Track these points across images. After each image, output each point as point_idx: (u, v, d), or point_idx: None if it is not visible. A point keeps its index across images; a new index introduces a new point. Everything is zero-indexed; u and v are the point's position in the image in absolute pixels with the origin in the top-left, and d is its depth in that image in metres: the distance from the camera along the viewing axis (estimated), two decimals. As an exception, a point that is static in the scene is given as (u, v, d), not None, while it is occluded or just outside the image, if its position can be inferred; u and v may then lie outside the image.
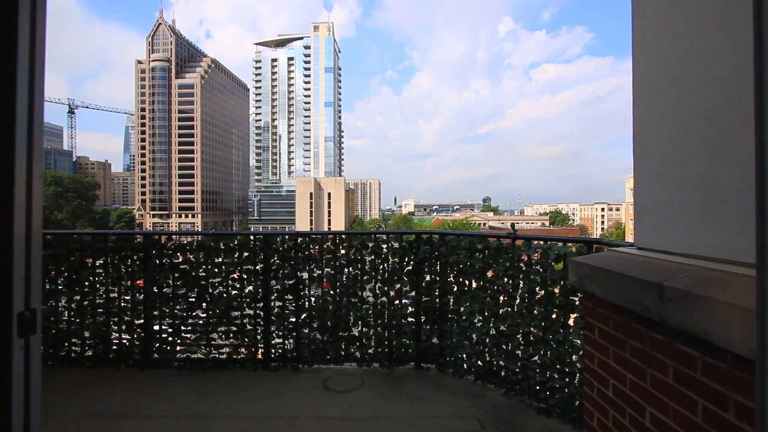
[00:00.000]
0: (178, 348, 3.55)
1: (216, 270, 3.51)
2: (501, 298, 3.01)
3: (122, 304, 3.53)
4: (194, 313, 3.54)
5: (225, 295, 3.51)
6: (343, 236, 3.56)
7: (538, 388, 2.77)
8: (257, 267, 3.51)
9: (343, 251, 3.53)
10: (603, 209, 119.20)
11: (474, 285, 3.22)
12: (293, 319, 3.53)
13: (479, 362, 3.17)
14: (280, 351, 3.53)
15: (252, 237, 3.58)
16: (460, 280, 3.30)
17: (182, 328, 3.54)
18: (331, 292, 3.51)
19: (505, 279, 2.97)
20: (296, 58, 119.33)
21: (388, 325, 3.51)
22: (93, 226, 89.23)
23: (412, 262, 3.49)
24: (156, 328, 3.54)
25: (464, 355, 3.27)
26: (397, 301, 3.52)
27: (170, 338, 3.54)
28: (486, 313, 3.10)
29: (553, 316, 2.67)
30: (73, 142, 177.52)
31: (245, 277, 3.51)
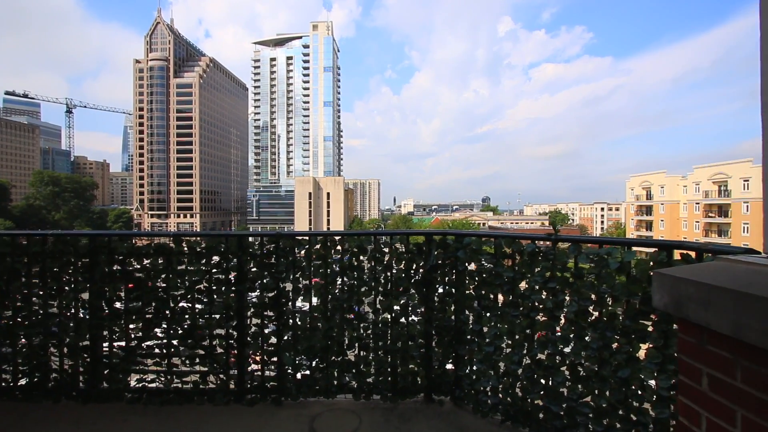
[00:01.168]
0: (133, 376, 2.88)
1: (179, 279, 2.86)
2: (539, 317, 2.38)
3: (63, 322, 2.86)
4: (152, 333, 2.88)
5: (190, 310, 2.85)
6: (337, 238, 2.90)
7: None
8: (230, 276, 2.86)
9: (336, 256, 2.90)
10: (602, 209, 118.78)
11: (501, 300, 2.58)
12: (274, 341, 2.88)
13: (508, 399, 2.51)
14: (257, 380, 2.87)
15: (223, 238, 2.91)
16: (483, 292, 2.65)
17: (137, 351, 2.88)
18: (322, 306, 2.86)
19: (544, 293, 2.33)
20: (295, 58, 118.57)
21: (392, 347, 2.86)
22: (90, 226, 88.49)
23: (421, 270, 2.85)
24: (105, 351, 2.88)
25: (488, 388, 2.61)
26: (402, 319, 2.87)
27: (122, 364, 2.86)
28: (517, 337, 2.46)
29: (614, 345, 2.04)
30: (71, 141, 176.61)
31: (215, 288, 2.86)
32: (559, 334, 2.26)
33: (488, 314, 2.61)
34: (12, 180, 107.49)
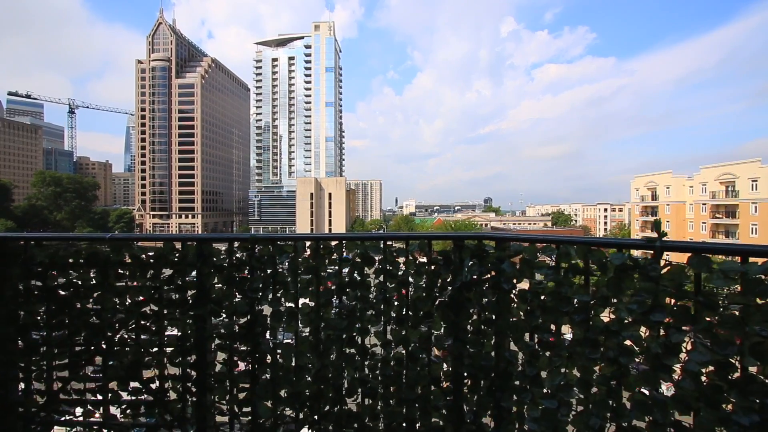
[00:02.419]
0: (56, 431, 2.24)
1: (118, 299, 2.19)
2: (635, 365, 1.65)
3: None
4: (82, 373, 2.20)
5: (133, 341, 2.18)
6: (333, 243, 2.20)
7: None
8: (186, 295, 2.20)
9: (333, 267, 2.23)
10: (606, 210, 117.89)
11: (570, 333, 1.86)
12: (247, 384, 2.19)
13: None
14: None
15: (177, 243, 2.24)
16: (541, 321, 1.92)
17: (61, 397, 2.18)
18: (312, 337, 2.17)
19: (644, 329, 1.63)
20: (297, 58, 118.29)
21: (408, 394, 2.14)
22: (92, 226, 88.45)
23: (449, 288, 2.16)
24: (19, 393, 2.23)
25: None
26: (423, 355, 2.18)
27: (41, 413, 2.19)
28: (597, 390, 1.73)
29: None
30: (73, 142, 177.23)
31: (167, 312, 2.20)
32: (672, 393, 1.51)
33: (547, 353, 1.88)
34: (15, 180, 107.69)
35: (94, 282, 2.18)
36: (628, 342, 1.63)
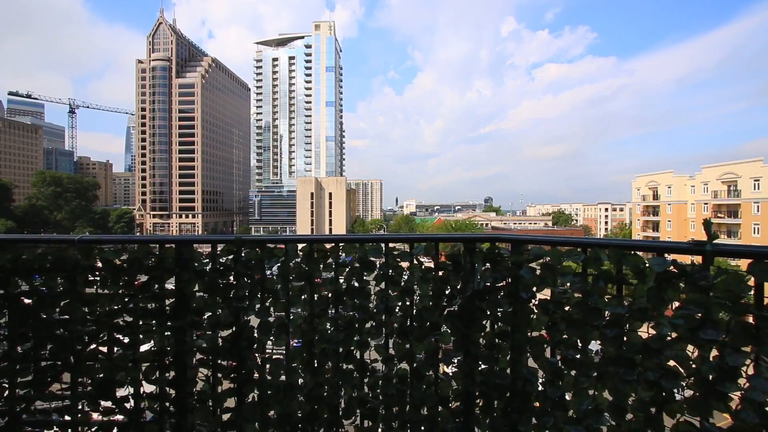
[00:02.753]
0: None
1: (87, 309, 1.95)
2: (679, 389, 1.41)
3: None
4: (47, 391, 1.98)
5: (104, 356, 1.97)
6: (329, 246, 2.01)
7: None
8: (164, 304, 1.98)
9: (329, 273, 2.01)
10: (606, 209, 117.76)
11: (600, 350, 1.62)
12: (232, 405, 2.01)
13: None
14: None
15: (154, 246, 2.03)
16: (565, 337, 1.70)
17: (24, 417, 1.94)
18: (305, 352, 1.97)
19: (692, 349, 1.39)
20: (297, 58, 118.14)
21: (413, 415, 1.98)
22: (93, 226, 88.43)
23: (458, 297, 1.95)
24: None
25: None
26: (429, 371, 1.97)
27: None
28: (633, 417, 1.50)
29: None
30: (74, 142, 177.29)
31: (142, 323, 1.97)
32: (729, 425, 1.28)
33: (573, 372, 1.65)
34: (15, 180, 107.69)
35: (62, 289, 1.94)
36: (671, 362, 1.42)
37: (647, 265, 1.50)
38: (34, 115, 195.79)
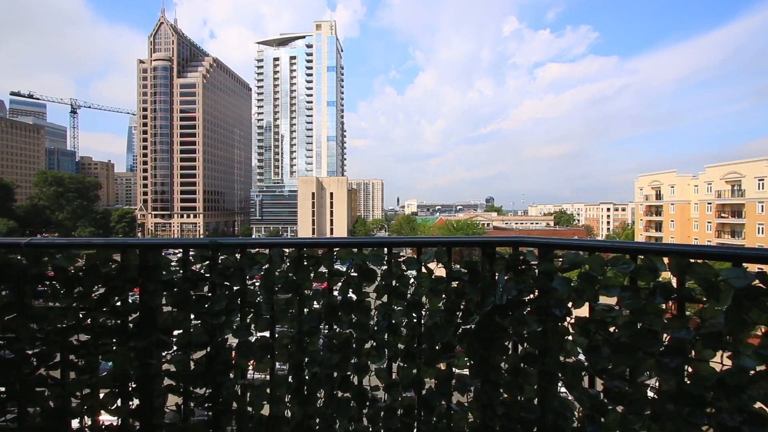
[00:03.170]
0: None
1: (36, 325, 1.63)
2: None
3: None
4: None
5: (57, 382, 1.67)
6: (321, 251, 1.73)
7: None
8: (127, 319, 1.66)
9: (320, 284, 1.74)
10: (608, 209, 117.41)
11: (657, 383, 1.33)
12: None
13: None
14: None
15: (116, 251, 1.71)
16: (610, 367, 1.38)
17: None
18: (293, 376, 1.68)
19: None
20: (298, 58, 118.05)
21: None
22: (94, 226, 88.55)
23: (476, 313, 1.66)
24: None
25: None
26: (441, 402, 1.66)
27: None
28: None
29: None
30: (75, 142, 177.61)
31: (101, 342, 1.66)
32: None
33: (620, 408, 1.35)
34: (17, 180, 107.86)
35: (5, 302, 1.62)
36: (758, 404, 1.14)
37: (716, 278, 1.21)
38: (36, 116, 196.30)
